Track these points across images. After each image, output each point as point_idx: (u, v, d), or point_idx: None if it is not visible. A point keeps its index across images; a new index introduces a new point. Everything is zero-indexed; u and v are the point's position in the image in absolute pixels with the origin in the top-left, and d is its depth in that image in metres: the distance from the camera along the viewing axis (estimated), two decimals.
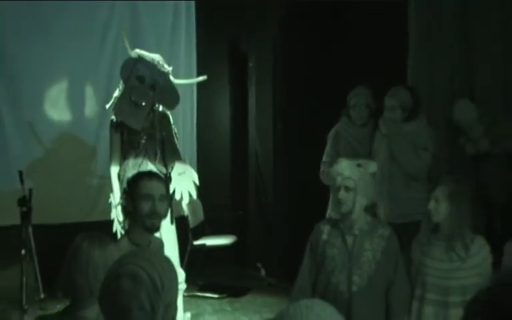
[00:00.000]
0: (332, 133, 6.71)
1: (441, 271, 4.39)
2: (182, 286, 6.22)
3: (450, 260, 4.38)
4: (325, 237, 4.46)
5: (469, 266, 4.34)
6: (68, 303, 3.03)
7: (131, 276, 2.18)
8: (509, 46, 6.56)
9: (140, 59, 6.83)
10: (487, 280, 4.13)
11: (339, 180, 4.40)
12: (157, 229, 4.03)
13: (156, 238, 4.16)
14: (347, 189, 4.35)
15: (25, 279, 6.62)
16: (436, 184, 4.55)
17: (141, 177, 4.07)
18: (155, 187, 3.98)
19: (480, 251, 4.37)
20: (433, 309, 4.40)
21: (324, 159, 6.67)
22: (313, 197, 7.19)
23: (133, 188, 4.00)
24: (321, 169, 6.62)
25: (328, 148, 6.70)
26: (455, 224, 4.35)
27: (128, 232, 4.06)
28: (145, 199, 3.93)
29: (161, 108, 6.81)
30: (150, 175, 4.15)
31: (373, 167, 4.59)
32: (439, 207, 4.38)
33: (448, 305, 4.34)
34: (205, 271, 8.80)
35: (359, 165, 4.45)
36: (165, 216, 4.09)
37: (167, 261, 2.35)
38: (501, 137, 6.29)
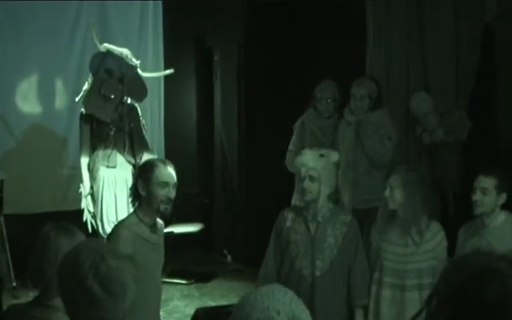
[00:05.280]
0: (298, 123, 6.81)
1: (397, 255, 4.56)
2: None
3: (405, 245, 4.54)
4: (288, 223, 4.61)
5: (423, 250, 4.52)
6: (38, 293, 3.04)
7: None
8: (462, 39, 6.76)
9: (108, 52, 6.94)
10: (441, 264, 4.40)
11: (303, 170, 4.54)
12: (169, 213, 4.20)
13: (159, 221, 4.32)
14: (312, 178, 4.49)
15: None
16: (391, 172, 4.71)
17: (156, 164, 4.21)
18: (170, 175, 4.16)
19: (434, 236, 4.55)
20: (390, 291, 4.57)
21: (290, 147, 6.78)
22: (278, 185, 7.31)
23: (149, 174, 4.14)
24: (287, 158, 6.72)
25: (294, 138, 6.80)
26: (410, 210, 4.51)
27: (137, 211, 4.20)
28: (161, 186, 4.10)
29: (129, 100, 6.93)
30: (165, 162, 4.28)
31: (334, 156, 4.72)
32: (394, 195, 4.52)
33: (404, 288, 4.52)
34: (173, 258, 8.78)
35: (321, 155, 4.59)
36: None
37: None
38: (454, 127, 6.49)
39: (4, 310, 3.20)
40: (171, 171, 4.18)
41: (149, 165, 4.27)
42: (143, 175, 4.18)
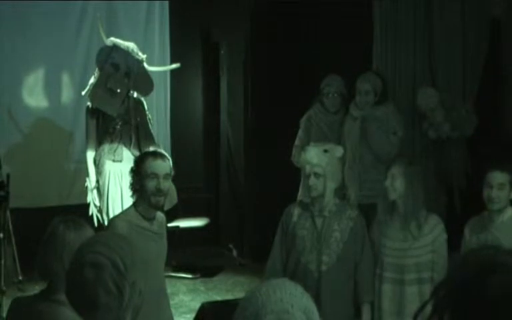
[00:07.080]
0: (304, 118, 6.80)
1: (397, 250, 4.56)
2: None
3: (404, 239, 4.54)
4: (295, 218, 4.62)
5: (422, 244, 4.51)
6: (45, 286, 3.01)
7: (91, 265, 2.15)
8: (468, 35, 6.76)
9: (115, 46, 6.93)
10: (440, 257, 4.38)
11: (308, 168, 4.53)
12: (162, 205, 4.27)
13: (160, 213, 4.37)
14: (317, 175, 4.48)
15: (3, 262, 6.69)
16: (392, 163, 4.73)
17: (146, 157, 4.28)
18: (159, 166, 4.18)
19: (433, 230, 4.54)
20: (391, 286, 4.56)
21: (296, 142, 6.77)
22: (283, 180, 7.32)
23: (140, 167, 4.21)
24: (293, 153, 6.71)
25: (300, 132, 6.80)
26: (410, 202, 4.50)
27: (135, 204, 4.25)
28: (151, 177, 4.14)
29: (135, 94, 6.93)
30: (155, 154, 4.32)
31: (339, 151, 4.71)
32: (395, 184, 4.52)
33: (403, 282, 4.52)
34: (179, 252, 8.73)
35: (325, 151, 4.57)
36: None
37: (125, 240, 2.37)
38: (460, 122, 6.49)
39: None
40: (160, 163, 4.21)
41: (139, 158, 4.38)
42: (136, 169, 4.26)
